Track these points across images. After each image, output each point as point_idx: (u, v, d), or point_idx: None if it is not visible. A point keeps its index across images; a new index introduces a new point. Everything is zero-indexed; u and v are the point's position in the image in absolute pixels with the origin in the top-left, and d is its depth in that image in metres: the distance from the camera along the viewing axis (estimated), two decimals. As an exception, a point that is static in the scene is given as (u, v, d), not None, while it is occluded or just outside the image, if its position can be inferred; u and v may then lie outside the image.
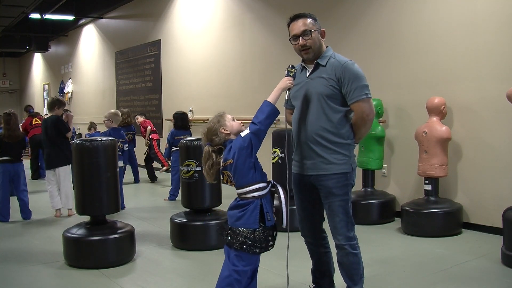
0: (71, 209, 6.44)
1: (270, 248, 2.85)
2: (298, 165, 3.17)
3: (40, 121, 10.14)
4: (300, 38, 3.03)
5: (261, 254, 2.86)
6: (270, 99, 2.84)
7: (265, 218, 2.78)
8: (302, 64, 3.16)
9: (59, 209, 6.55)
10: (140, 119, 9.91)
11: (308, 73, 3.10)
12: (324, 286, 3.34)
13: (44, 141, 6.56)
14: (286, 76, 2.99)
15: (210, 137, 2.87)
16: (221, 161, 2.84)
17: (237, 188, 2.83)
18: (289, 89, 3.00)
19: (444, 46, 5.53)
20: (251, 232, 2.75)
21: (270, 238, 2.81)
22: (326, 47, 3.13)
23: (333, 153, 3.01)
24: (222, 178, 2.92)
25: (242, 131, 2.84)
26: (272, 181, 2.87)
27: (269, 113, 2.79)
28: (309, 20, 3.04)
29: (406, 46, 5.92)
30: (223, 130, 2.84)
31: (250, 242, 2.74)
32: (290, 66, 3.04)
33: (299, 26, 3.04)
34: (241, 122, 2.91)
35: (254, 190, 2.79)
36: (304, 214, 3.25)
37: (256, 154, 2.81)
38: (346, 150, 3.04)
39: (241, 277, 2.81)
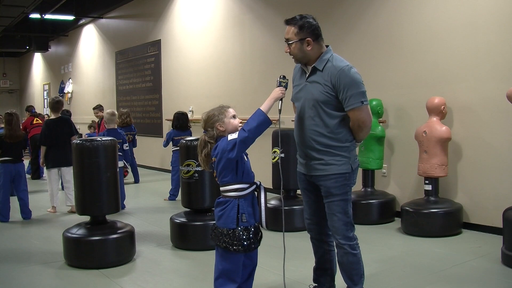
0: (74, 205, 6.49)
1: (254, 246, 2.85)
2: (301, 164, 3.22)
3: (41, 121, 10.16)
4: (286, 45, 3.07)
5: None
6: (263, 108, 2.81)
7: (240, 219, 2.79)
8: (302, 66, 3.15)
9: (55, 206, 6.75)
10: (101, 114, 9.65)
11: (306, 75, 3.10)
12: (325, 285, 3.34)
13: (54, 139, 6.55)
14: (278, 86, 2.96)
15: (206, 127, 2.90)
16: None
17: (219, 185, 2.89)
18: (281, 99, 2.96)
19: (444, 46, 5.53)
20: (231, 231, 2.78)
21: (251, 236, 2.81)
22: (327, 46, 3.10)
23: (332, 155, 3.03)
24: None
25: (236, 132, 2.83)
26: (258, 182, 2.88)
27: (261, 122, 2.76)
28: (293, 29, 3.00)
29: (406, 46, 5.92)
30: (219, 126, 2.86)
31: (230, 240, 2.78)
32: (282, 76, 3.00)
33: (285, 32, 3.05)
34: (240, 123, 2.91)
35: (233, 190, 2.82)
36: (310, 210, 3.28)
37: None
38: (345, 152, 3.04)
39: (230, 276, 2.83)
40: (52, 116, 6.81)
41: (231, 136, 2.77)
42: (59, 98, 6.98)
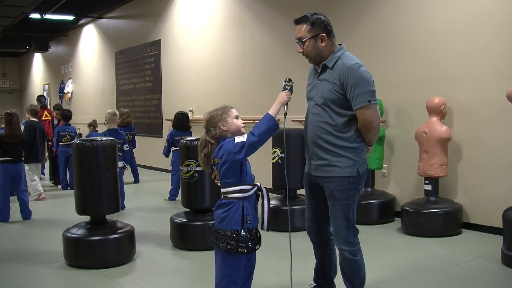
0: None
1: (256, 248, 2.86)
2: (307, 164, 3.18)
3: (49, 116, 9.90)
4: (298, 45, 3.05)
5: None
6: (272, 113, 2.80)
7: (244, 220, 2.78)
8: (313, 64, 3.13)
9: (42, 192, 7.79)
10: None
11: (317, 74, 3.09)
12: (324, 286, 3.34)
13: (37, 141, 7.52)
14: (283, 90, 2.93)
15: (209, 126, 2.88)
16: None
17: (221, 187, 2.86)
18: (287, 104, 2.93)
19: (444, 46, 5.53)
20: (235, 233, 2.76)
21: (253, 237, 2.81)
22: (340, 44, 3.07)
23: (338, 156, 2.97)
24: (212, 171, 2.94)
25: (240, 133, 2.83)
26: (259, 184, 2.87)
27: (271, 127, 2.76)
28: (305, 27, 2.99)
29: (406, 46, 5.92)
30: (221, 125, 2.83)
31: (234, 243, 2.75)
32: (287, 79, 2.97)
33: (296, 32, 3.03)
34: (243, 123, 2.90)
35: (236, 191, 2.80)
36: (311, 213, 3.25)
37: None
38: (352, 153, 2.97)
39: (233, 278, 2.82)
40: (31, 119, 7.70)
41: (238, 139, 2.75)
42: (38, 108, 8.13)
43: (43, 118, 9.84)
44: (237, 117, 2.87)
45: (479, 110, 5.27)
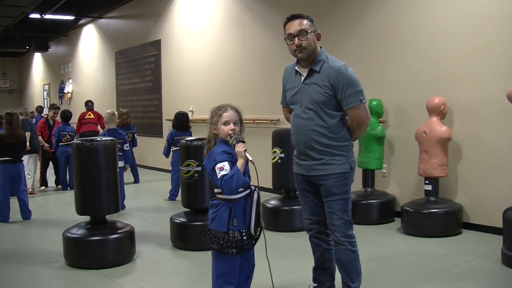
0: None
1: (248, 248, 2.87)
2: (298, 165, 3.23)
3: (93, 116, 10.43)
4: (296, 38, 3.04)
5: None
6: (241, 169, 2.77)
7: (231, 222, 2.81)
8: (296, 68, 3.17)
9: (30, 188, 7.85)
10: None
11: (302, 78, 3.12)
12: (325, 284, 3.35)
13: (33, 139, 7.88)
14: (235, 147, 2.82)
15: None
16: None
17: (214, 187, 2.92)
18: (245, 151, 2.81)
19: (444, 46, 5.53)
20: (224, 234, 2.80)
21: (244, 238, 2.82)
22: (320, 47, 3.14)
23: (332, 155, 3.06)
24: None
25: (226, 139, 2.85)
26: (253, 187, 2.88)
27: (241, 185, 2.78)
28: (306, 21, 3.05)
29: (406, 46, 5.92)
30: (213, 129, 2.91)
31: (223, 243, 2.79)
32: (229, 136, 2.85)
33: (295, 25, 3.05)
34: (231, 130, 2.86)
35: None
36: (309, 210, 3.29)
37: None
38: (344, 151, 3.09)
39: (227, 278, 2.84)
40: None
41: (217, 169, 2.76)
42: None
43: (87, 117, 10.41)
44: (226, 123, 2.86)
45: (479, 110, 5.27)
